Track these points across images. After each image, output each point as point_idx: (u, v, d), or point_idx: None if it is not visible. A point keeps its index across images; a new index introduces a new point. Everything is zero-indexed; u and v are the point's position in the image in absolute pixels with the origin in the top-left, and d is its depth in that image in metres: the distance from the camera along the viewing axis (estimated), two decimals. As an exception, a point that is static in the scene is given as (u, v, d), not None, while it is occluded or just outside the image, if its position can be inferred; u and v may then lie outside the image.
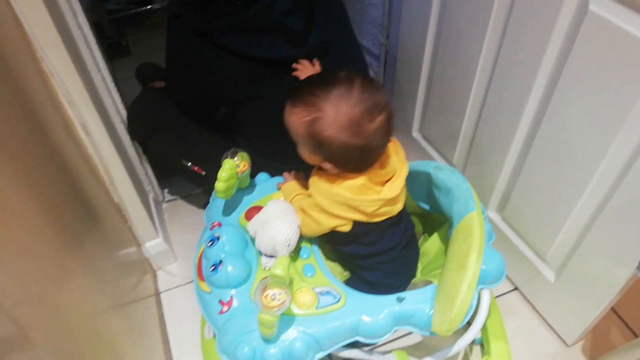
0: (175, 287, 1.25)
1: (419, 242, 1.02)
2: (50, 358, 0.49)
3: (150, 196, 1.37)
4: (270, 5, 0.91)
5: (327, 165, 0.77)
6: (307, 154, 0.79)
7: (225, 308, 0.78)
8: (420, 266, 0.97)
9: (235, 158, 0.91)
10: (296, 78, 0.97)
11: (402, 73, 1.46)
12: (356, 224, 0.79)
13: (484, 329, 0.99)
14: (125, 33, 2.29)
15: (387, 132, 0.76)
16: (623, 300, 0.97)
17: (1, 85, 0.66)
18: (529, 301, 1.16)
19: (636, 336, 1.12)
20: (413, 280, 0.94)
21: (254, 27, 0.94)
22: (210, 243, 0.84)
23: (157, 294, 1.23)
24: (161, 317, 1.18)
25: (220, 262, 0.80)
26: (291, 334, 0.73)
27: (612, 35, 0.74)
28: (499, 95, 1.04)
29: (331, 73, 0.75)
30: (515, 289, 1.19)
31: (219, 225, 0.92)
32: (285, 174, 0.96)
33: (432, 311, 0.75)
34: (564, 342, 1.08)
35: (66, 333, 0.58)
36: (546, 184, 0.98)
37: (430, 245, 0.99)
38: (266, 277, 0.72)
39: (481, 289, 0.81)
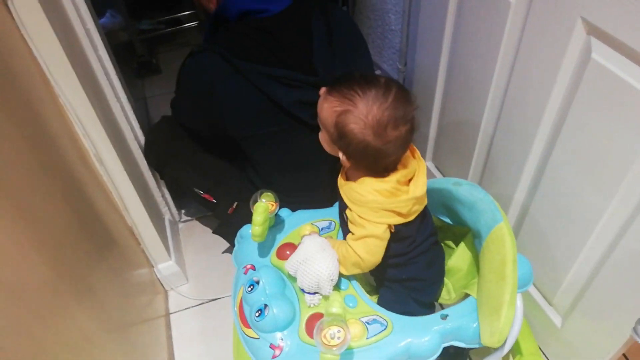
0: (185, 308, 1.29)
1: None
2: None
3: (166, 217, 1.41)
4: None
5: (342, 157, 0.80)
6: (327, 142, 0.82)
7: (277, 352, 0.78)
8: (451, 282, 0.97)
9: (263, 200, 0.92)
10: None
11: (416, 101, 1.45)
12: (396, 227, 0.81)
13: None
14: (156, 51, 2.38)
15: (405, 142, 0.79)
16: (635, 348, 0.94)
17: (23, 122, 0.72)
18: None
19: (648, 386, 1.07)
20: (453, 300, 0.94)
21: (291, 83, 0.98)
22: (250, 288, 0.84)
23: (167, 314, 1.27)
24: (169, 338, 1.22)
25: (265, 306, 0.80)
26: None
27: (613, 85, 0.73)
28: (508, 133, 1.03)
29: (373, 75, 0.78)
30: (523, 328, 1.16)
31: (253, 268, 0.92)
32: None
33: (476, 324, 0.77)
34: (570, 388, 1.05)
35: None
36: (551, 229, 0.96)
37: (458, 259, 0.99)
38: (312, 313, 0.74)
39: None
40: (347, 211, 0.82)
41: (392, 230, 0.81)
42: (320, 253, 0.82)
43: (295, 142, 1.09)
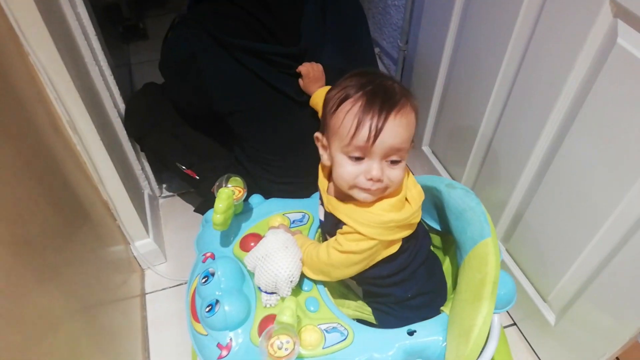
0: (162, 289, 1.22)
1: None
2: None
3: (146, 192, 1.34)
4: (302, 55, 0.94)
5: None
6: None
7: (224, 352, 0.72)
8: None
9: (229, 185, 0.84)
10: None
11: (417, 82, 1.38)
12: (403, 240, 0.73)
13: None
14: (144, 16, 2.26)
15: None
16: (629, 352, 0.90)
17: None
18: (526, 339, 1.09)
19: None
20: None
21: (280, 63, 0.95)
22: (204, 280, 0.77)
23: (143, 294, 1.21)
24: (144, 319, 1.16)
25: (217, 301, 0.73)
26: None
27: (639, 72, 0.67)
28: (514, 121, 0.97)
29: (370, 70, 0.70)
30: (514, 324, 1.13)
31: (212, 257, 0.85)
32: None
33: (444, 343, 0.70)
34: (558, 388, 1.02)
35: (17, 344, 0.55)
36: (555, 222, 0.91)
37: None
38: (268, 314, 0.67)
39: None
40: (345, 226, 0.71)
41: (399, 246, 0.73)
42: (282, 251, 0.74)
43: (283, 121, 1.03)
